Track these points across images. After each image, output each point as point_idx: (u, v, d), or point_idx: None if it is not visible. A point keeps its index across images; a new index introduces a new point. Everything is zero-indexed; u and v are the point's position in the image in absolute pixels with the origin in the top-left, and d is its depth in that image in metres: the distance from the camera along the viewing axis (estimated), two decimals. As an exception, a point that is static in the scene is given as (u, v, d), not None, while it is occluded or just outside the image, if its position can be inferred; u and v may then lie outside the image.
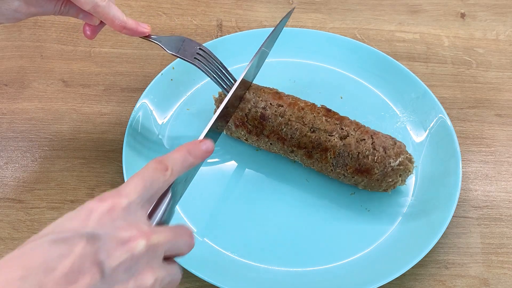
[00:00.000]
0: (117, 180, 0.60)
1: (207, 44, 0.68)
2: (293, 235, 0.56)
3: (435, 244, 0.52)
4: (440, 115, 0.62)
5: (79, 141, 0.63)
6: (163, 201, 0.38)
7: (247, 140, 0.61)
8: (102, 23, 0.54)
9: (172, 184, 0.38)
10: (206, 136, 0.45)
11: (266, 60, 0.64)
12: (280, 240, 0.56)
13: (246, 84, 0.58)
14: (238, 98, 0.57)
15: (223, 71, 0.57)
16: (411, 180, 0.59)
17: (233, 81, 0.58)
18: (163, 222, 0.38)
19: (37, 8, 0.50)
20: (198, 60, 0.55)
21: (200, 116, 0.65)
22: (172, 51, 0.55)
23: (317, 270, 0.54)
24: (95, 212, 0.32)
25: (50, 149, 0.63)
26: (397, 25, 0.77)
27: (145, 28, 0.54)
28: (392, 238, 0.55)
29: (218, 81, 0.57)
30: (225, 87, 0.57)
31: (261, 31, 0.71)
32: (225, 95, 0.56)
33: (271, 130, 0.58)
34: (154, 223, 0.37)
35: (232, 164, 0.62)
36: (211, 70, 0.56)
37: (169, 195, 0.38)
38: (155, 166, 0.36)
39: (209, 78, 0.57)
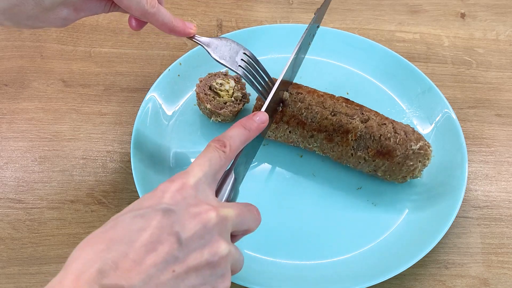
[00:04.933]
0: (117, 180, 0.60)
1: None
2: (299, 229, 0.56)
3: (435, 244, 0.53)
4: (445, 109, 0.63)
5: (79, 141, 0.63)
6: (227, 181, 0.41)
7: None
8: None
9: (234, 165, 0.42)
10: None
11: (269, 56, 0.64)
12: (285, 235, 0.56)
13: (286, 85, 0.57)
14: (278, 101, 0.57)
15: (266, 79, 0.55)
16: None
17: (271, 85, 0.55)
18: (229, 201, 0.41)
19: (86, 12, 0.48)
20: (242, 68, 0.53)
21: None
22: (216, 57, 0.53)
23: (324, 263, 0.54)
24: (167, 191, 0.35)
25: (50, 149, 0.63)
26: (397, 25, 0.77)
27: (191, 29, 0.52)
28: (400, 231, 0.56)
29: (259, 90, 0.55)
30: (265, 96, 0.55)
31: (268, 27, 0.71)
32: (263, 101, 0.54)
33: (291, 115, 0.58)
34: (222, 201, 0.40)
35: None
36: (254, 80, 0.54)
37: (232, 176, 0.41)
38: (214, 145, 0.40)
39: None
